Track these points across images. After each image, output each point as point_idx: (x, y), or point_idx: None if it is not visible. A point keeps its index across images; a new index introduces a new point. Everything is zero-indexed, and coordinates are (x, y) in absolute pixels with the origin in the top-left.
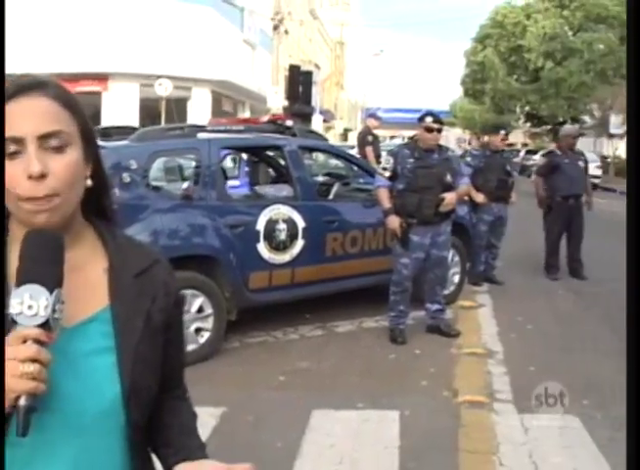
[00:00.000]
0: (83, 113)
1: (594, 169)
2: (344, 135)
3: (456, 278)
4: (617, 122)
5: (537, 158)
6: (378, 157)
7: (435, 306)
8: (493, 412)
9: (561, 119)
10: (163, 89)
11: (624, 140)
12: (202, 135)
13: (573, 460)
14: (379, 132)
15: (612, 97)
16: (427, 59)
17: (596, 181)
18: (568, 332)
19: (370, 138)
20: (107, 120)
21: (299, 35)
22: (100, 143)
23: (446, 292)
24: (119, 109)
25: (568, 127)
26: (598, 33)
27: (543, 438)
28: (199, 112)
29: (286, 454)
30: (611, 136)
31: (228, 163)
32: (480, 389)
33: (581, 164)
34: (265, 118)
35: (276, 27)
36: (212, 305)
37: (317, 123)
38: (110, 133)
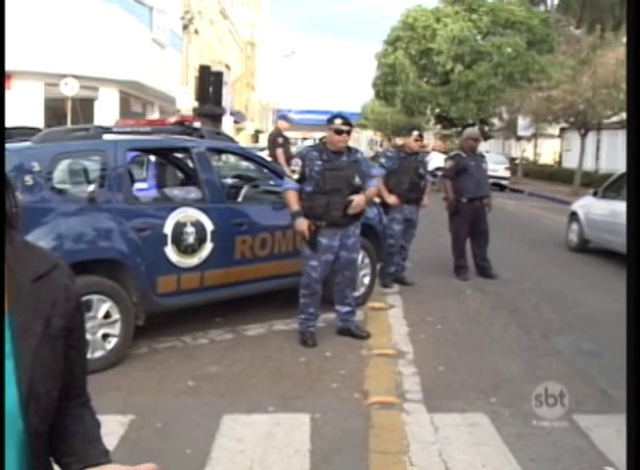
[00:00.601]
0: None
1: (503, 171)
2: (256, 137)
3: (366, 280)
4: (524, 125)
5: (436, 158)
6: (289, 159)
7: (346, 309)
8: (403, 412)
9: (470, 122)
10: (69, 89)
11: (532, 142)
12: (108, 137)
13: (482, 457)
14: (290, 134)
15: (519, 100)
16: (339, 61)
17: (505, 183)
18: (476, 331)
19: (280, 140)
20: (10, 121)
21: (210, 35)
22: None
23: (356, 294)
24: (23, 109)
25: (468, 130)
26: (506, 37)
27: (453, 436)
28: (106, 112)
29: (195, 461)
30: (519, 138)
31: (135, 165)
32: (390, 389)
33: (485, 166)
34: (173, 120)
35: (186, 27)
36: (120, 311)
37: (228, 125)
38: (12, 134)
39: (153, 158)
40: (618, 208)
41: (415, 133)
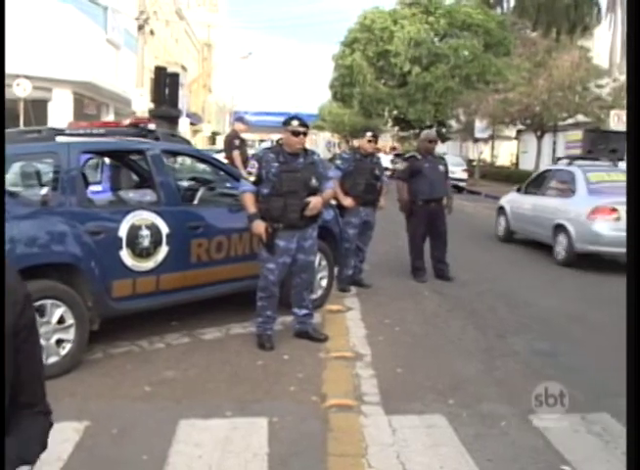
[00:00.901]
0: None
1: (460, 173)
2: (213, 139)
3: (324, 282)
4: (481, 127)
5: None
6: (245, 161)
7: (303, 311)
8: (361, 415)
9: (428, 124)
10: (22, 90)
11: (489, 144)
12: (61, 139)
13: (440, 459)
14: (247, 136)
15: (476, 102)
16: (296, 62)
17: (462, 184)
18: (433, 333)
19: (237, 142)
20: None
21: (166, 36)
22: None
23: (314, 296)
24: None
25: (425, 132)
26: (463, 40)
27: (411, 438)
28: (60, 114)
29: (152, 467)
30: (476, 140)
31: (89, 167)
32: (347, 392)
33: (441, 167)
34: (127, 122)
35: (141, 27)
36: (74, 316)
37: (184, 127)
38: None
39: (107, 160)
40: (539, 202)
41: (368, 134)
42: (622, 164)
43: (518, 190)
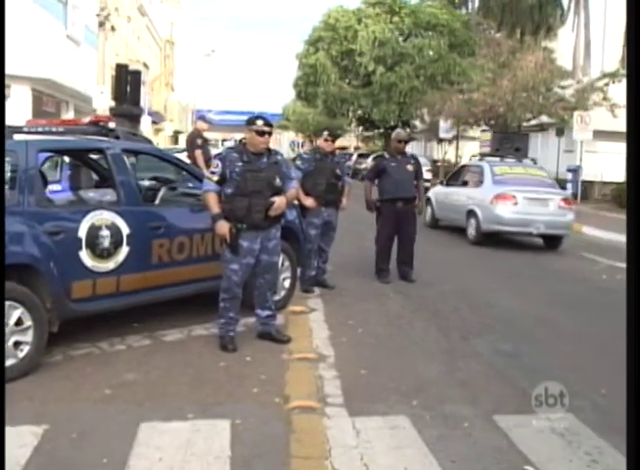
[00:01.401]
0: None
1: (425, 173)
2: (175, 138)
3: (287, 283)
4: (445, 127)
5: (369, 161)
6: (208, 160)
7: (266, 312)
8: (325, 417)
9: (392, 124)
10: None
11: (453, 145)
12: (18, 137)
13: (404, 460)
14: (210, 135)
15: (440, 102)
16: (260, 60)
17: (427, 185)
18: (397, 334)
19: (199, 141)
20: None
21: (127, 33)
22: None
23: (277, 297)
24: None
25: (395, 132)
26: (428, 40)
27: (374, 440)
28: (18, 111)
29: None
30: (440, 141)
31: (48, 166)
32: (311, 394)
33: (410, 167)
34: (87, 120)
35: (102, 24)
36: (32, 317)
37: (146, 125)
38: None
39: (66, 159)
40: (456, 192)
41: (325, 134)
42: (526, 161)
43: (441, 183)
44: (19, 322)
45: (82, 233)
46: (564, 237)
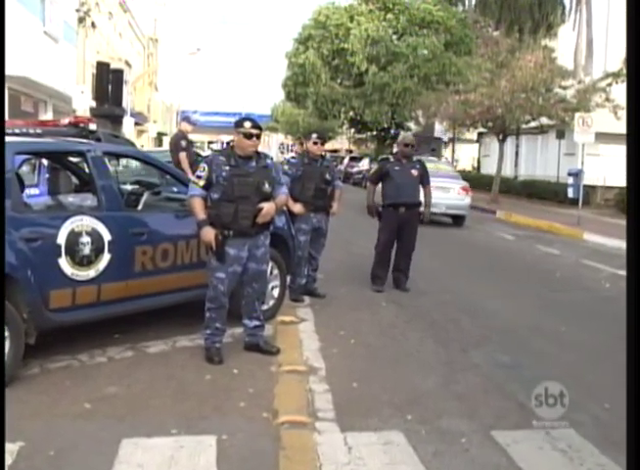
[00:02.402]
0: None
1: None
2: (159, 139)
3: (275, 292)
4: (441, 129)
5: (361, 165)
6: (192, 163)
7: (254, 323)
8: (315, 432)
9: (385, 126)
10: None
11: (449, 147)
12: None
13: None
14: (196, 137)
15: (436, 103)
16: (247, 59)
17: None
18: (391, 345)
19: (184, 143)
20: None
21: (109, 30)
22: None
23: (265, 307)
24: None
25: (401, 135)
26: (422, 38)
27: (367, 456)
28: None
29: None
30: None
31: (26, 169)
32: (300, 408)
33: (414, 172)
34: (66, 121)
35: (82, 20)
36: (8, 328)
37: (129, 127)
38: None
39: (45, 162)
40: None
41: (314, 136)
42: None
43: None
44: None
45: (61, 239)
46: (465, 217)
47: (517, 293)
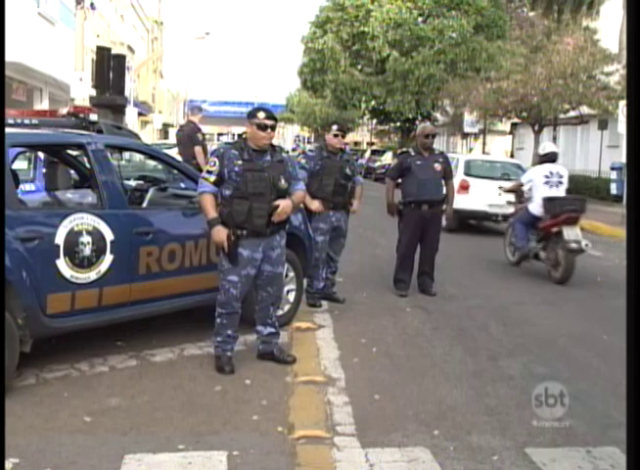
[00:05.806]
0: None
1: None
2: (165, 131)
3: (291, 296)
4: (471, 120)
5: (384, 159)
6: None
7: (268, 329)
8: (334, 448)
9: (410, 116)
10: None
11: (480, 140)
12: None
13: None
14: (205, 128)
15: (464, 92)
16: (260, 44)
17: None
18: (416, 355)
19: (200, 136)
20: None
21: (109, 11)
22: None
23: (280, 312)
24: None
25: (420, 125)
26: (450, 20)
27: None
28: None
29: None
30: (465, 135)
31: (21, 163)
32: (318, 422)
33: (437, 166)
34: (64, 111)
35: (80, 1)
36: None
37: (132, 117)
38: None
39: (41, 155)
40: None
41: (334, 128)
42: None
43: None
44: None
45: (60, 239)
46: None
47: (554, 298)
